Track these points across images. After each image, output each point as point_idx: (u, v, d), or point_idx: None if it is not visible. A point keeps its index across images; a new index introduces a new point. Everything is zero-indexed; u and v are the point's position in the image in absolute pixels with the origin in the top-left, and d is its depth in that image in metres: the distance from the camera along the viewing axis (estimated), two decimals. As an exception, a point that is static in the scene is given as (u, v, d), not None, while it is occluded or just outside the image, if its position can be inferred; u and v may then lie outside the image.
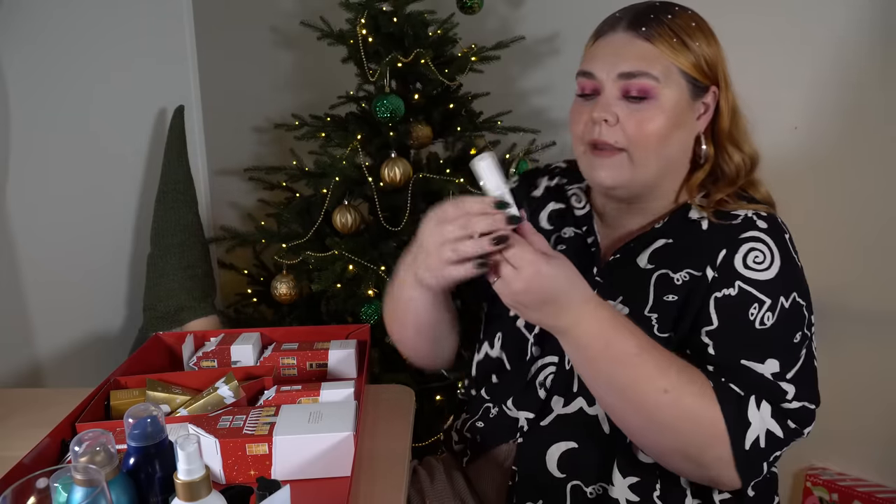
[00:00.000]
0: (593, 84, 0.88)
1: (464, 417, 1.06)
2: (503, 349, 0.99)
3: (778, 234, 0.87)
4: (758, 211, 0.89)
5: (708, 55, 0.88)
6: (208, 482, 0.63)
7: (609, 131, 0.86)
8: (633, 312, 0.89)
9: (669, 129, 0.86)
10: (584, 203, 1.01)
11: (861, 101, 1.49)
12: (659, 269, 0.90)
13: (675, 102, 0.86)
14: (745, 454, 0.78)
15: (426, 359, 1.08)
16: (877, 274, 1.52)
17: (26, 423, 0.98)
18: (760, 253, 0.85)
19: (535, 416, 0.93)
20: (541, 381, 0.93)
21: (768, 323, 0.82)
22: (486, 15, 1.91)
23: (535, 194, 1.06)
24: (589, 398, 0.89)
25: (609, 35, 0.89)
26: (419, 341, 1.02)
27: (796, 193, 1.59)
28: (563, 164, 1.09)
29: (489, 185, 0.76)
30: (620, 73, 0.85)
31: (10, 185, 1.35)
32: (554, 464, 0.90)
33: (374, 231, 1.63)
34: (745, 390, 0.80)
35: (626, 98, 0.86)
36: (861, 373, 1.51)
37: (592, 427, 0.89)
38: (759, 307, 0.83)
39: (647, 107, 0.85)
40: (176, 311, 1.53)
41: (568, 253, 0.95)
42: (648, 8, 0.89)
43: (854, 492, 1.57)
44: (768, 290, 0.83)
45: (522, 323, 0.97)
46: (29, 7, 1.36)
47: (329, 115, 1.74)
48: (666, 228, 0.92)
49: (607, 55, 0.87)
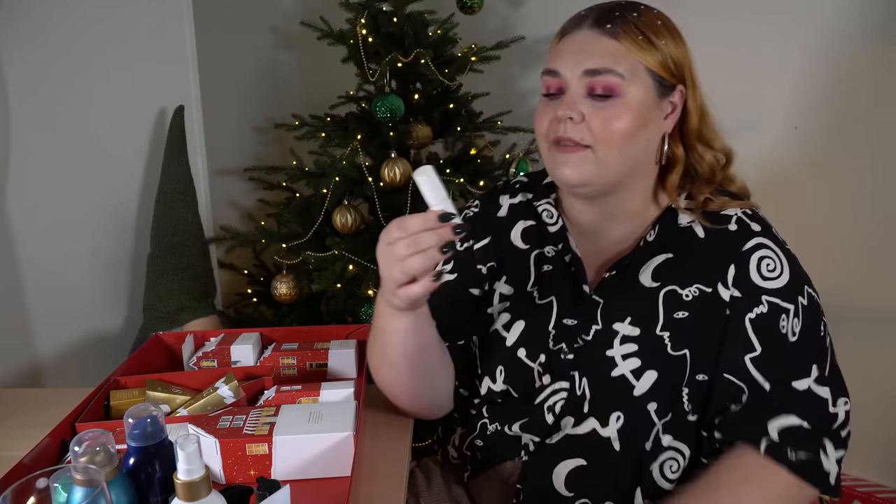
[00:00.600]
0: (558, 82, 0.87)
1: (461, 433, 1.01)
2: (507, 383, 0.94)
3: (770, 232, 0.90)
4: (744, 209, 0.91)
5: (674, 54, 0.87)
6: (208, 482, 0.63)
7: (574, 128, 0.85)
8: (645, 333, 0.88)
9: (636, 126, 0.85)
10: (555, 218, 0.98)
11: (861, 100, 1.49)
12: (666, 286, 0.89)
13: (640, 100, 0.85)
14: (833, 489, 0.84)
15: (420, 400, 0.96)
16: (878, 274, 1.52)
17: (26, 423, 0.98)
18: (770, 260, 0.87)
19: (540, 438, 0.91)
20: (549, 406, 0.91)
21: (797, 330, 0.86)
22: (486, 15, 1.91)
23: (500, 215, 1.02)
24: (602, 419, 0.88)
25: (574, 33, 0.87)
26: (409, 380, 0.91)
27: (797, 193, 1.59)
28: (525, 178, 1.06)
29: (430, 200, 0.74)
30: (586, 70, 0.84)
31: (11, 185, 1.35)
32: (562, 482, 0.89)
33: (374, 231, 1.63)
34: (805, 419, 0.84)
35: (592, 96, 0.85)
36: (861, 373, 1.50)
37: (603, 446, 0.88)
38: (787, 317, 0.86)
39: (612, 104, 0.84)
40: (176, 311, 1.53)
41: (555, 272, 0.95)
42: (614, 6, 0.88)
43: (854, 492, 1.57)
44: (787, 296, 0.86)
45: (524, 353, 0.93)
46: (29, 7, 1.36)
47: (329, 115, 1.74)
48: (661, 240, 0.92)
49: (572, 52, 0.86)
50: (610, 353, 0.88)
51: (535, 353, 0.92)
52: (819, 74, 1.52)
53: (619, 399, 0.88)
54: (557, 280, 0.95)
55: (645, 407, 0.87)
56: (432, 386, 0.95)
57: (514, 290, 0.98)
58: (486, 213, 1.03)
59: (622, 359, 0.88)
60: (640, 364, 0.87)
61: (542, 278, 0.96)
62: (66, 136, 1.46)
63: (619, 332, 0.89)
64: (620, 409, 0.88)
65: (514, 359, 0.93)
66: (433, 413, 1.00)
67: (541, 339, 0.93)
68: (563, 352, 0.91)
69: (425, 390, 0.95)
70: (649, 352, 0.87)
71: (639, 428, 0.87)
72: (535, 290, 0.96)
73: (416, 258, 0.73)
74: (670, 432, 0.88)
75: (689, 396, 0.87)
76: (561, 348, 0.91)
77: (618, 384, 0.87)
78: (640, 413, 0.87)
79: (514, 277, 0.98)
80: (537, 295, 0.95)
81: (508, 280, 0.98)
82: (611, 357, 0.88)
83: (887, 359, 1.53)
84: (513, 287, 0.98)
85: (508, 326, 0.95)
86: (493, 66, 1.68)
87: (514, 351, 0.94)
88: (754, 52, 1.57)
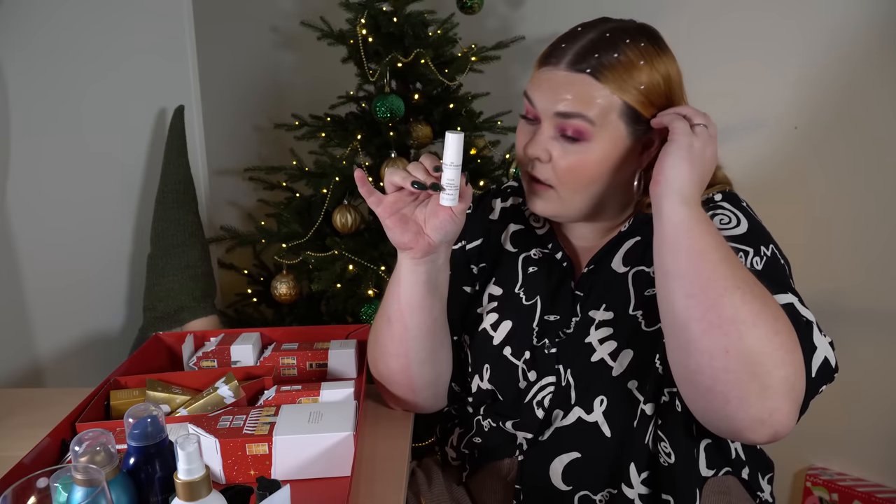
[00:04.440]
0: (534, 112, 0.88)
1: (458, 433, 1.04)
2: (492, 382, 0.96)
3: (735, 201, 0.89)
4: (718, 191, 0.91)
5: (657, 84, 0.84)
6: (208, 482, 0.63)
7: (541, 168, 0.87)
8: (618, 315, 0.89)
9: (600, 172, 0.85)
10: (542, 221, 1.02)
11: (862, 100, 1.49)
12: (634, 268, 0.91)
13: (610, 145, 0.84)
14: (811, 381, 0.74)
15: (417, 380, 0.96)
16: (879, 274, 1.52)
17: (26, 423, 0.98)
18: (725, 216, 0.87)
19: (533, 435, 0.92)
20: (538, 402, 0.92)
21: (760, 267, 0.81)
22: (486, 15, 1.91)
23: (492, 217, 1.05)
24: (586, 406, 0.89)
25: (552, 69, 0.85)
26: (410, 343, 0.92)
27: (797, 193, 1.59)
28: (515, 182, 1.08)
29: (445, 157, 0.81)
30: (556, 112, 0.85)
31: (11, 186, 1.35)
32: (559, 477, 0.90)
33: (374, 231, 1.63)
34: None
35: (563, 136, 0.85)
36: (861, 373, 1.51)
37: (593, 434, 0.88)
38: (745, 256, 0.82)
39: (580, 149, 0.85)
40: (176, 311, 1.53)
41: (541, 273, 0.98)
42: (595, 45, 0.84)
43: (854, 492, 1.57)
44: (747, 242, 0.83)
45: (509, 351, 0.95)
46: (28, 7, 1.36)
47: (329, 115, 1.74)
48: (633, 229, 0.94)
49: (546, 90, 0.85)
50: (588, 339, 0.90)
51: (519, 350, 0.94)
52: (819, 74, 1.52)
53: (601, 383, 0.88)
54: (541, 280, 0.98)
55: (625, 386, 0.87)
56: (432, 360, 0.95)
57: (502, 292, 1.00)
58: (478, 214, 1.06)
59: (599, 343, 0.89)
60: (617, 346, 0.88)
61: (528, 280, 0.99)
62: (66, 135, 1.45)
63: (595, 319, 0.91)
64: (603, 393, 0.88)
65: (499, 357, 0.96)
66: (428, 400, 1.01)
67: (525, 336, 0.95)
68: (546, 347, 0.93)
69: (426, 365, 0.95)
70: (624, 332, 0.89)
71: (624, 408, 0.87)
72: (522, 291, 0.98)
73: (399, 173, 0.83)
74: (653, 400, 0.87)
75: (661, 360, 0.86)
76: (544, 344, 0.93)
77: (598, 368, 0.89)
78: (622, 393, 0.88)
79: (504, 279, 1.01)
80: (524, 296, 0.98)
81: (497, 281, 1.01)
82: (588, 343, 0.90)
83: (887, 359, 1.53)
84: (502, 289, 1.00)
85: (496, 326, 0.98)
86: (493, 66, 1.68)
87: (501, 349, 0.96)
88: (754, 52, 1.57)
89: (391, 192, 0.84)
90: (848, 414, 1.57)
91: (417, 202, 0.86)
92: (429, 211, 0.84)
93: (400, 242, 0.86)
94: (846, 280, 1.54)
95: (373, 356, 0.99)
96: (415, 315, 0.91)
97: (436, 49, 1.61)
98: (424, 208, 0.85)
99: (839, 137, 1.52)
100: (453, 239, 0.87)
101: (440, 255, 0.88)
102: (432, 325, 0.92)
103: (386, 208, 0.84)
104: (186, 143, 1.61)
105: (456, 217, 0.83)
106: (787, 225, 0.94)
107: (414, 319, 0.91)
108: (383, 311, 0.95)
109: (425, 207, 0.85)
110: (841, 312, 1.54)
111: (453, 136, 0.79)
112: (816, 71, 1.52)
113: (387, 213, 0.84)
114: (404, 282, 0.89)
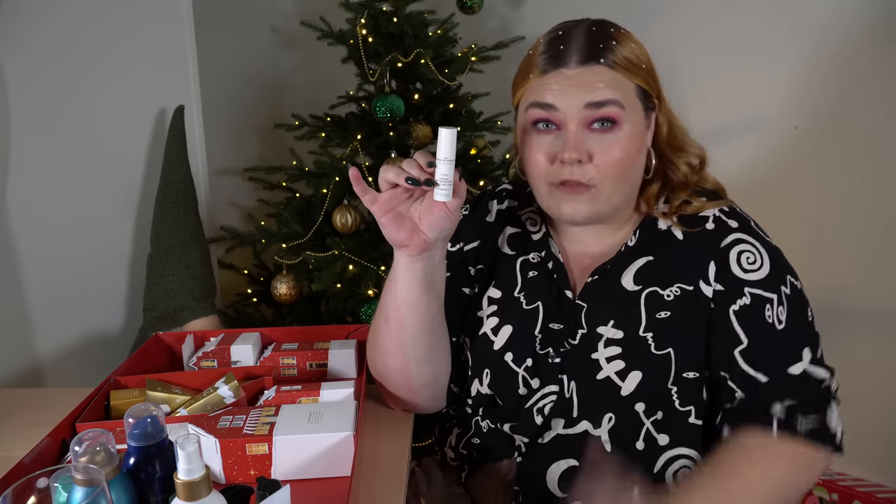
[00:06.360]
0: (555, 116, 0.87)
1: (457, 433, 1.03)
2: (491, 387, 0.96)
3: (748, 227, 0.91)
4: (721, 207, 0.92)
5: (650, 68, 0.89)
6: (208, 482, 0.63)
7: (582, 170, 0.86)
8: (628, 336, 0.89)
9: (634, 154, 0.88)
10: (538, 226, 1.01)
11: (862, 99, 1.49)
12: (647, 288, 0.91)
13: (637, 126, 0.87)
14: (840, 446, 0.85)
15: (415, 378, 0.96)
16: (878, 274, 1.52)
17: (26, 423, 0.98)
18: (749, 253, 0.88)
19: (530, 439, 0.92)
20: (539, 408, 0.92)
21: (783, 318, 0.86)
22: (486, 15, 1.91)
23: (488, 220, 1.04)
24: (595, 421, 0.89)
25: (562, 70, 0.86)
26: (407, 341, 0.92)
27: (797, 193, 1.59)
28: (509, 185, 1.08)
29: (438, 152, 0.80)
30: (588, 103, 0.85)
31: (11, 186, 1.35)
32: (555, 483, 0.90)
33: (374, 231, 1.63)
34: (805, 400, 0.84)
35: (592, 128, 0.86)
36: (861, 373, 1.51)
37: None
38: (771, 306, 0.86)
39: (614, 137, 0.85)
40: (176, 311, 1.53)
41: (539, 278, 0.97)
42: (592, 38, 0.86)
43: (854, 492, 1.57)
44: (769, 286, 0.87)
45: (511, 357, 0.94)
46: (29, 8, 1.36)
47: (329, 115, 1.74)
48: (641, 245, 0.93)
49: (568, 88, 0.85)
50: (595, 356, 0.90)
51: (521, 357, 0.94)
52: (819, 75, 1.52)
53: (608, 401, 0.88)
54: (542, 286, 0.97)
55: (632, 407, 0.88)
56: (430, 358, 0.95)
57: (501, 295, 0.99)
58: (475, 216, 1.05)
59: (607, 361, 0.89)
60: (625, 366, 0.88)
61: (528, 284, 0.98)
62: (66, 135, 1.46)
63: (604, 336, 0.90)
64: (611, 411, 0.88)
65: (500, 362, 0.95)
66: (427, 401, 1.01)
67: (527, 343, 0.94)
68: (550, 356, 0.92)
69: (424, 364, 0.95)
70: (633, 353, 0.88)
71: (628, 428, 0.88)
72: (522, 295, 0.98)
73: (393, 170, 0.83)
74: (667, 432, 0.88)
75: (679, 394, 0.88)
76: (548, 352, 0.93)
77: (605, 386, 0.88)
78: (628, 413, 0.88)
79: (503, 282, 1.00)
80: (524, 301, 0.97)
81: (497, 284, 1.01)
82: (595, 360, 0.89)
83: (887, 359, 1.53)
84: (501, 291, 1.00)
85: (496, 330, 0.97)
86: (493, 66, 1.68)
87: (501, 355, 0.95)
88: (754, 52, 1.57)
89: (385, 189, 0.84)
90: (847, 414, 1.57)
91: (412, 199, 0.85)
92: (424, 208, 0.84)
93: (396, 240, 0.86)
94: (846, 279, 1.54)
95: (371, 355, 0.99)
96: (412, 313, 0.90)
97: (436, 49, 1.61)
98: (419, 206, 0.85)
99: (839, 137, 1.52)
100: (449, 235, 0.87)
101: (436, 252, 0.88)
102: (430, 322, 0.92)
103: (381, 206, 0.84)
104: (186, 143, 1.61)
105: (451, 213, 0.83)
106: (787, 224, 0.94)
107: (411, 317, 0.91)
108: (381, 310, 0.95)
109: (420, 205, 0.85)
110: (840, 312, 1.54)
111: (446, 131, 0.79)
112: (817, 71, 1.52)
113: (382, 211, 0.84)
114: (401, 280, 0.89)
